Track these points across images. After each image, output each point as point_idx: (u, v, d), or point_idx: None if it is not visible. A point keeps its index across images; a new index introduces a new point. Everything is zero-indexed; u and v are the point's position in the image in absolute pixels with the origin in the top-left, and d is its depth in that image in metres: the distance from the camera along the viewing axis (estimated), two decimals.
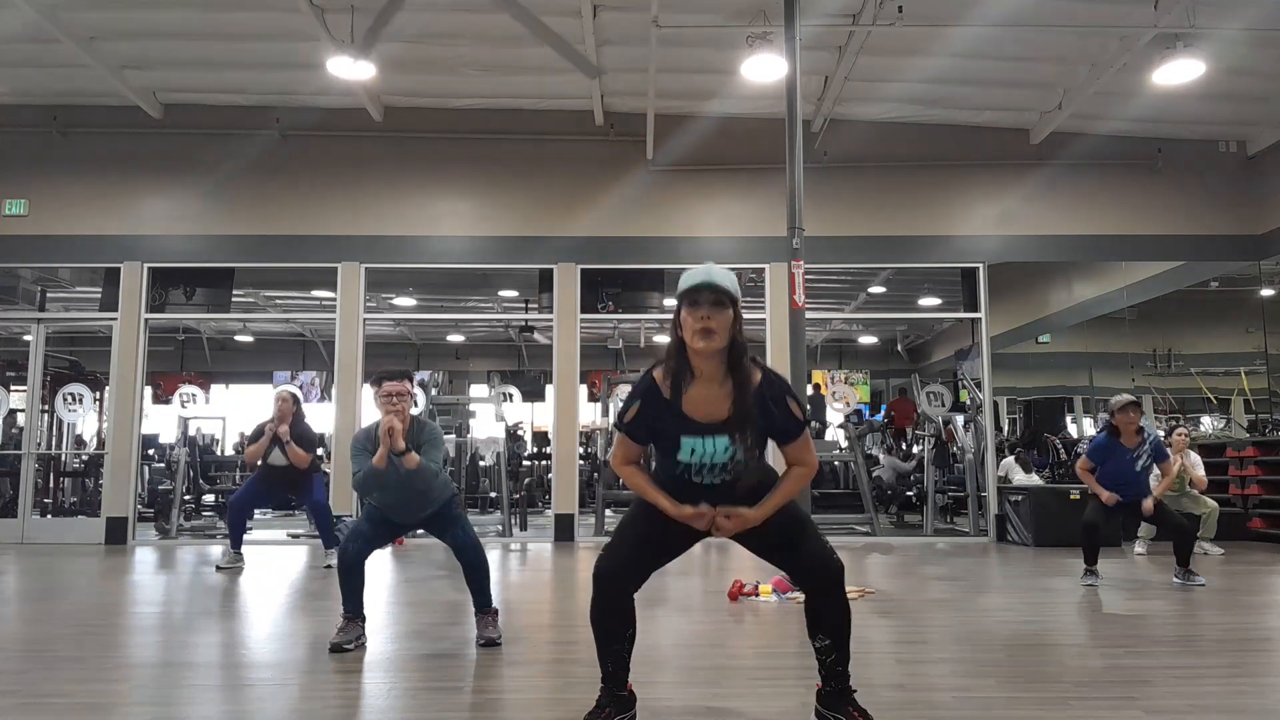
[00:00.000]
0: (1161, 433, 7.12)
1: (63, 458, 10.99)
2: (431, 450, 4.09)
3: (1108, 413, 6.07)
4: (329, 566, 6.80)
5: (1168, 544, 7.99)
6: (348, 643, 3.94)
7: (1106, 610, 4.99)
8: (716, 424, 2.58)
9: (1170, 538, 6.03)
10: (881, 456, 11.62)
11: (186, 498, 10.36)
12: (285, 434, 6.75)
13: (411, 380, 4.20)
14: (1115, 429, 5.93)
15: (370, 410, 4.52)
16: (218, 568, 6.86)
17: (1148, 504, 5.86)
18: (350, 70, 7.76)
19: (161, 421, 12.52)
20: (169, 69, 8.81)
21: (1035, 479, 9.32)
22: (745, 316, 2.65)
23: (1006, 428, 11.83)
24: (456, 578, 6.43)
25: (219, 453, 14.11)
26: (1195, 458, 7.88)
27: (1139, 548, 7.78)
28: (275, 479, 6.94)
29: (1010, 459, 9.50)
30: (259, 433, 6.92)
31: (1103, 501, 5.91)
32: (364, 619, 4.06)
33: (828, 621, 2.67)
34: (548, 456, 10.08)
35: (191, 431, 11.43)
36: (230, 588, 5.96)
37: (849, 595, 5.48)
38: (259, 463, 6.90)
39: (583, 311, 9.29)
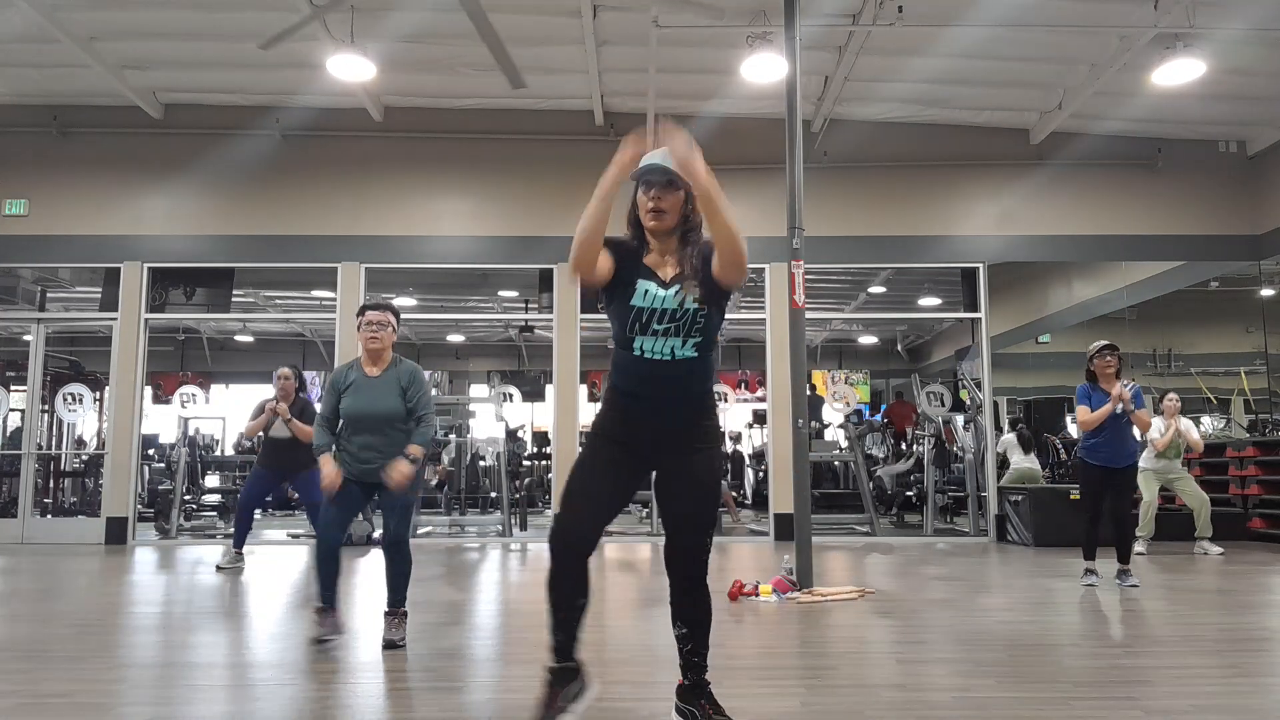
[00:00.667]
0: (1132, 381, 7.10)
1: (63, 458, 11.00)
2: (418, 392, 4.10)
3: (1086, 359, 6.04)
4: None
5: (1167, 543, 8.06)
6: (328, 635, 3.95)
7: (1106, 610, 4.99)
8: (669, 279, 2.72)
9: (1111, 522, 5.85)
10: (880, 470, 11.59)
11: (187, 498, 10.36)
12: (284, 411, 6.70)
13: (395, 313, 4.24)
14: (1093, 374, 5.97)
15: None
16: (218, 567, 6.85)
17: (1120, 391, 5.77)
18: (350, 70, 7.76)
19: (161, 421, 12.53)
20: (169, 69, 8.80)
21: (1034, 462, 9.33)
22: (745, 316, 2.71)
23: (1006, 428, 11.84)
24: (457, 578, 6.44)
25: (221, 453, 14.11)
26: (1188, 423, 8.03)
27: (1139, 546, 7.79)
28: (278, 453, 6.82)
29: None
30: (260, 409, 6.91)
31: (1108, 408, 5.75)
32: (337, 609, 4.08)
33: (687, 615, 2.79)
34: (548, 456, 10.08)
35: (191, 431, 11.44)
36: (230, 588, 5.96)
37: (848, 595, 5.49)
38: (260, 438, 6.92)
39: (583, 312, 9.29)
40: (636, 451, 2.72)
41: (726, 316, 2.88)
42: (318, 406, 7.10)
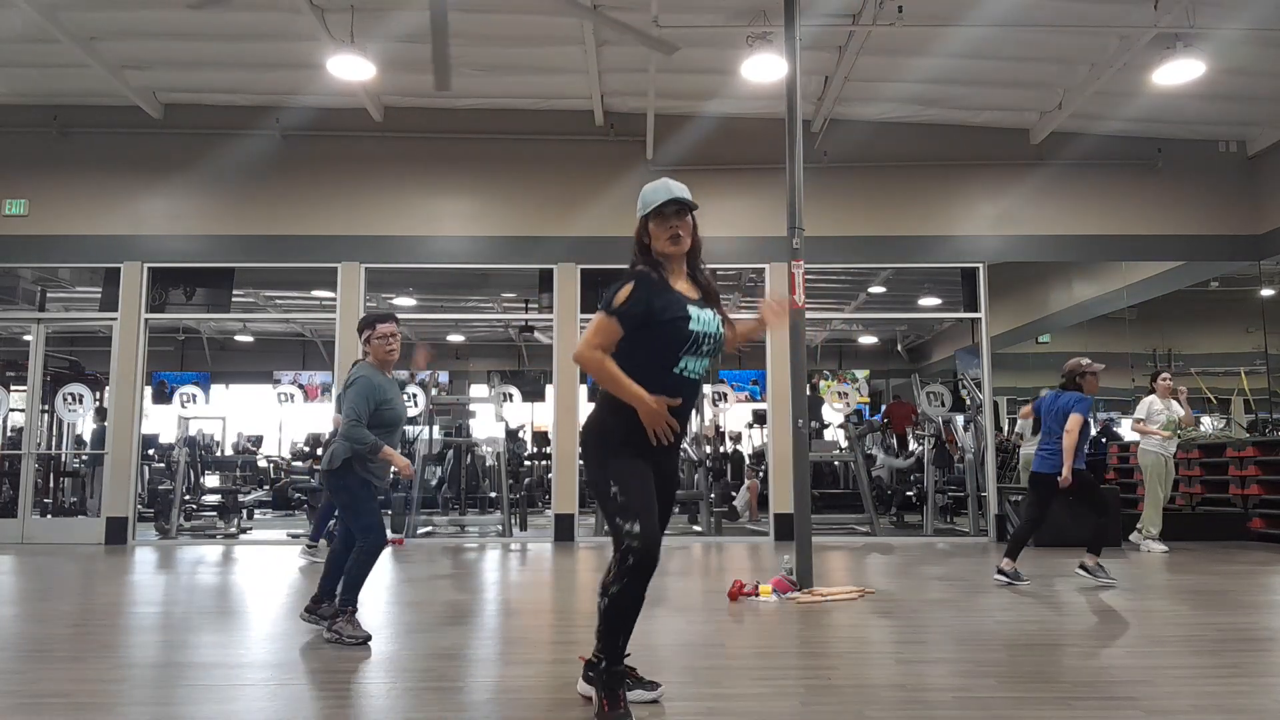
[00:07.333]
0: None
1: (63, 458, 10.99)
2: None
3: (1078, 375, 6.18)
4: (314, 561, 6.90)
5: (1170, 541, 8.06)
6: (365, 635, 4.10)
7: (1107, 610, 4.99)
8: (698, 300, 2.99)
9: (1092, 516, 6.04)
10: (879, 456, 11.64)
11: (186, 498, 10.36)
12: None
13: (396, 321, 4.50)
14: (1080, 388, 6.13)
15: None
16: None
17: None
18: (350, 70, 7.76)
19: (161, 421, 12.52)
20: (169, 69, 8.80)
21: None
22: (745, 317, 2.82)
23: (1006, 428, 11.84)
24: (457, 578, 6.44)
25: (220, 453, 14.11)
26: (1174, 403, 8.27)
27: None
28: None
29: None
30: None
31: (1065, 479, 5.95)
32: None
33: None
34: (548, 456, 10.08)
35: (191, 431, 11.44)
36: (230, 588, 5.96)
37: (848, 595, 5.49)
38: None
39: (583, 311, 9.28)
40: (650, 457, 2.92)
41: None
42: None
